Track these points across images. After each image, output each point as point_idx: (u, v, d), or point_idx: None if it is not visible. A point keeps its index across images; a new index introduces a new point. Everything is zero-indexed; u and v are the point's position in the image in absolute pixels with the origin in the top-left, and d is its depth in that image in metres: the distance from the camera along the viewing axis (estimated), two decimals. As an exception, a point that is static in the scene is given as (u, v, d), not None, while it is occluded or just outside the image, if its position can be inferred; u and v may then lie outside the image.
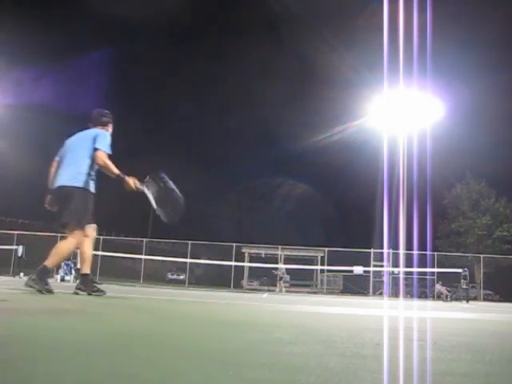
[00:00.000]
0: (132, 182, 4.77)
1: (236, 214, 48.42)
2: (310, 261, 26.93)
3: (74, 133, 5.01)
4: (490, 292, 28.19)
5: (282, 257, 27.20)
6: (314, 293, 22.97)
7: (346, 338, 2.29)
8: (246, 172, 54.10)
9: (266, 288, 25.36)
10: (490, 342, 2.58)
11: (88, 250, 4.96)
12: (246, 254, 27.69)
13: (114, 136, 5.12)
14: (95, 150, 4.64)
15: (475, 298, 23.47)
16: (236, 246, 26.68)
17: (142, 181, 4.88)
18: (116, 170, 4.76)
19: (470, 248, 32.27)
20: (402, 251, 20.97)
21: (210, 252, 28.67)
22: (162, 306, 4.97)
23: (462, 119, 33.34)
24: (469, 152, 32.95)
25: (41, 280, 4.70)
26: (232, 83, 51.70)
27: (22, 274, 17.38)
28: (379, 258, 23.58)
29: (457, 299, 19.93)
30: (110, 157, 4.74)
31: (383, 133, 25.71)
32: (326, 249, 25.77)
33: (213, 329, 2.58)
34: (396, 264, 20.65)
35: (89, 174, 4.71)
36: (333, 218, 47.10)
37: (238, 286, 26.12)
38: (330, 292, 25.61)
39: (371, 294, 23.06)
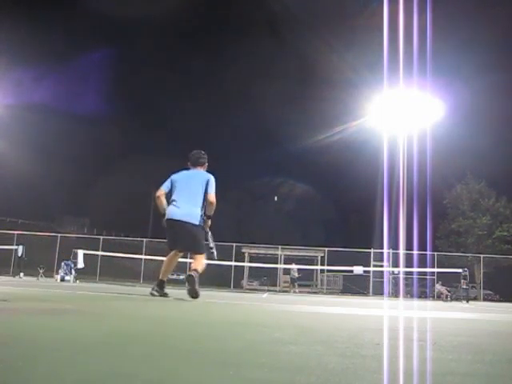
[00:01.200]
0: (208, 225, 5.83)
1: (236, 214, 48.43)
2: (310, 261, 26.93)
3: (178, 170, 5.87)
4: (490, 292, 28.18)
5: (282, 257, 27.20)
6: (314, 293, 22.97)
7: (346, 338, 2.29)
8: (246, 172, 54.15)
9: (266, 288, 25.36)
10: (491, 342, 2.57)
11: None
12: (246, 254, 27.68)
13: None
14: (210, 193, 5.62)
15: (475, 298, 23.47)
16: (236, 245, 26.68)
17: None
18: (212, 212, 5.75)
19: (470, 248, 32.27)
20: (401, 251, 20.97)
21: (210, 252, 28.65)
22: (162, 306, 4.97)
23: (462, 119, 33.37)
24: (469, 152, 32.98)
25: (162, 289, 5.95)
26: (232, 83, 51.74)
27: (21, 274, 17.37)
28: (379, 258, 23.59)
29: (457, 299, 19.92)
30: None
31: (383, 133, 25.72)
32: (326, 249, 25.77)
33: (213, 329, 2.58)
34: (396, 264, 20.65)
35: (202, 214, 5.69)
36: (333, 218, 47.14)
37: (237, 286, 26.11)
38: (330, 292, 25.61)
39: (371, 293, 23.06)
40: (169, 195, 5.69)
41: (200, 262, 5.63)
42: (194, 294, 5.49)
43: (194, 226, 5.52)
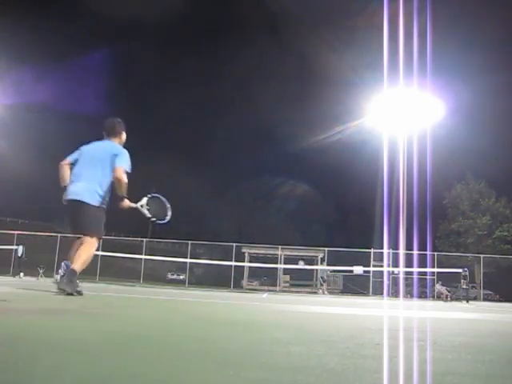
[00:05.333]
0: (127, 204, 5.19)
1: (236, 214, 48.41)
2: (310, 261, 26.91)
3: (90, 141, 5.25)
4: (490, 292, 28.16)
5: (282, 257, 27.19)
6: (314, 293, 22.96)
7: (346, 338, 2.29)
8: (246, 172, 54.15)
9: (266, 288, 25.35)
10: (491, 342, 2.57)
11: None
12: (246, 254, 27.67)
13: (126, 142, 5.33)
14: (117, 167, 4.93)
15: (475, 298, 23.45)
16: (236, 245, 26.67)
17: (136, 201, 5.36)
18: (125, 190, 5.08)
19: (470, 248, 32.26)
20: (401, 251, 20.96)
21: (210, 252, 28.64)
22: (162, 306, 4.96)
23: (462, 119, 33.36)
24: (469, 152, 32.96)
25: (72, 282, 4.72)
26: (232, 83, 51.74)
27: (21, 274, 17.37)
28: (379, 258, 23.57)
29: (457, 299, 19.92)
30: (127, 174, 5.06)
31: (383, 133, 25.70)
32: (326, 249, 25.76)
33: (213, 329, 2.58)
34: (396, 264, 20.64)
35: (106, 193, 5.02)
36: (333, 218, 47.13)
37: (237, 286, 26.10)
38: (330, 292, 25.60)
39: (371, 294, 23.05)
40: (67, 162, 5.13)
41: (85, 249, 4.85)
42: (65, 292, 4.61)
43: (90, 206, 4.82)
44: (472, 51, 34.81)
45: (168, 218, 5.47)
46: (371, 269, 22.29)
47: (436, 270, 23.12)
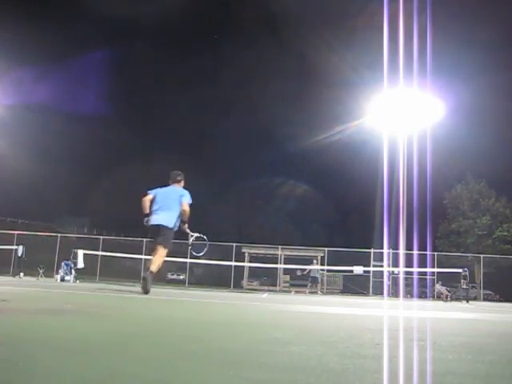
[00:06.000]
0: (185, 228, 7.37)
1: (236, 214, 48.38)
2: (310, 261, 26.91)
3: (159, 186, 7.42)
4: (490, 292, 28.14)
5: (282, 257, 27.18)
6: (314, 293, 22.95)
7: (346, 337, 2.29)
8: (246, 172, 54.14)
9: (266, 288, 25.35)
10: (491, 342, 2.57)
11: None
12: (246, 254, 27.65)
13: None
14: (184, 203, 7.15)
15: (475, 298, 23.44)
16: (236, 245, 26.66)
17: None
18: (187, 218, 7.27)
19: (470, 248, 32.24)
20: (401, 251, 20.95)
21: (210, 252, 28.63)
22: (162, 306, 4.97)
23: (462, 119, 33.33)
24: (469, 152, 32.94)
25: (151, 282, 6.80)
26: (232, 83, 51.72)
27: (22, 274, 17.36)
28: (379, 258, 23.56)
29: (457, 299, 19.91)
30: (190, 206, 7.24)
31: (383, 133, 25.70)
32: (326, 249, 25.74)
33: (212, 329, 2.58)
34: (396, 264, 20.63)
35: (176, 220, 7.16)
36: (333, 218, 47.09)
37: (238, 286, 26.09)
38: (330, 292, 25.59)
39: (371, 294, 23.05)
40: (152, 202, 7.14)
41: (159, 256, 6.84)
42: (145, 292, 6.55)
43: (169, 229, 7.03)
44: (472, 51, 34.80)
45: (201, 254, 7.75)
46: (371, 269, 22.28)
47: (436, 269, 23.11)
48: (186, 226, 7.35)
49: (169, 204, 7.11)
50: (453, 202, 35.35)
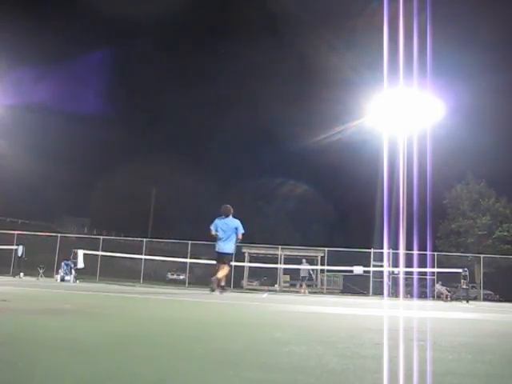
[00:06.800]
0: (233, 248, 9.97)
1: (236, 214, 48.33)
2: (310, 261, 26.91)
3: (216, 218, 9.72)
4: (490, 292, 28.14)
5: (282, 257, 27.17)
6: (314, 293, 22.94)
7: (346, 337, 2.29)
8: (246, 172, 54.15)
9: (266, 288, 25.34)
10: (491, 342, 2.57)
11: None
12: (246, 254, 27.64)
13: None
14: (238, 232, 9.57)
15: (475, 298, 23.43)
16: (236, 246, 26.65)
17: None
18: (238, 241, 9.96)
19: (470, 248, 32.23)
20: (401, 251, 20.93)
21: (210, 252, 28.60)
22: (162, 306, 4.97)
23: (463, 119, 33.31)
24: (469, 152, 32.94)
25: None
26: (232, 83, 51.74)
27: (21, 274, 17.36)
28: (379, 258, 23.55)
29: (457, 299, 19.91)
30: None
31: (383, 133, 25.67)
32: (326, 249, 25.72)
33: (213, 329, 2.58)
34: (396, 264, 20.62)
35: (234, 245, 9.68)
36: (333, 218, 47.08)
37: (238, 286, 26.08)
38: (330, 292, 25.59)
39: (371, 294, 23.05)
40: (215, 232, 9.52)
41: (225, 270, 9.43)
42: (212, 290, 9.06)
43: (228, 254, 9.58)
44: (472, 51, 34.80)
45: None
46: (371, 269, 22.27)
47: (436, 270, 23.10)
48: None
49: (229, 235, 9.55)
50: (453, 202, 35.34)
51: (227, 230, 9.56)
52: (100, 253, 22.88)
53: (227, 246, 9.57)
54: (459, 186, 35.22)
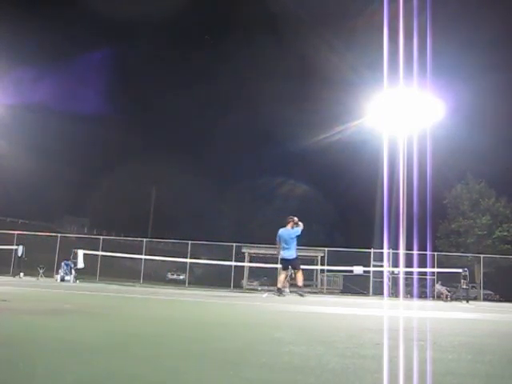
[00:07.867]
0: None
1: (236, 214, 48.35)
2: (310, 261, 26.90)
3: (280, 227, 11.04)
4: (490, 292, 28.11)
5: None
6: (314, 293, 22.95)
7: (346, 337, 2.29)
8: (246, 172, 54.10)
9: (266, 288, 25.34)
10: (491, 342, 2.57)
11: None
12: (246, 254, 27.62)
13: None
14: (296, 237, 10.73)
15: (475, 298, 23.42)
16: (236, 245, 26.63)
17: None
18: None
19: (470, 248, 32.20)
20: (401, 251, 20.93)
21: (210, 252, 28.60)
22: (162, 306, 4.97)
23: (463, 119, 33.28)
24: (469, 152, 32.90)
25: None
26: (232, 83, 51.71)
27: (22, 274, 17.36)
28: (379, 258, 23.53)
29: (457, 299, 19.91)
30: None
31: (383, 133, 25.66)
32: (326, 249, 25.70)
33: (213, 329, 2.58)
34: (396, 264, 20.60)
35: (296, 251, 10.77)
36: (333, 218, 47.06)
37: (238, 286, 26.07)
38: (330, 292, 25.59)
39: (371, 294, 23.04)
40: (279, 242, 10.78)
41: (299, 275, 10.48)
42: (299, 295, 10.11)
43: (293, 259, 10.62)
44: (472, 51, 34.78)
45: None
46: (371, 269, 22.26)
47: (436, 270, 23.08)
48: None
49: (290, 244, 10.75)
50: (453, 202, 35.31)
51: (288, 239, 10.87)
52: (100, 253, 22.88)
53: (289, 253, 10.81)
54: (459, 186, 35.19)
